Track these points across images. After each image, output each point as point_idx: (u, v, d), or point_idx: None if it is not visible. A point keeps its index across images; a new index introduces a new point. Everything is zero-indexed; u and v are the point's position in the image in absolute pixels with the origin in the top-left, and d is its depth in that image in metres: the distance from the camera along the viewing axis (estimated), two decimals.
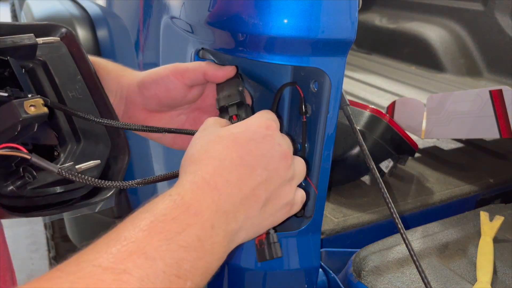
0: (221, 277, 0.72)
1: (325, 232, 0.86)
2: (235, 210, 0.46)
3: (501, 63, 1.89)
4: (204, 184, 0.45)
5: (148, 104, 0.66)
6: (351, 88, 1.80)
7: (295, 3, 0.53)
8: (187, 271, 0.40)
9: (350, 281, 0.72)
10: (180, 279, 0.39)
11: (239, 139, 0.49)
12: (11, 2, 4.14)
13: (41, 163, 0.46)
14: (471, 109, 1.02)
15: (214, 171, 0.46)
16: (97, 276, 0.35)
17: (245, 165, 0.47)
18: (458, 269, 0.74)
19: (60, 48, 0.62)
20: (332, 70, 0.58)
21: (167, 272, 0.38)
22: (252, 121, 0.52)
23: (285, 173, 0.50)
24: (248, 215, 0.47)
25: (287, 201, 0.51)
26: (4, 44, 0.53)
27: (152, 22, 0.94)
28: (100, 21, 1.40)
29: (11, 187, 0.50)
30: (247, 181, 0.47)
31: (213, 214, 0.44)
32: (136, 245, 0.38)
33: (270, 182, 0.49)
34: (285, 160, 0.50)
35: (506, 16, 1.87)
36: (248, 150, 0.48)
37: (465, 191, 1.06)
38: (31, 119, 0.48)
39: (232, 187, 0.46)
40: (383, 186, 0.60)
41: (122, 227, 0.40)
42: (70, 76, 0.61)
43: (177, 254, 0.40)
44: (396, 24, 2.26)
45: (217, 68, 0.63)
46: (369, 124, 0.97)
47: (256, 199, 0.48)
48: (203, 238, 0.42)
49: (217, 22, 0.59)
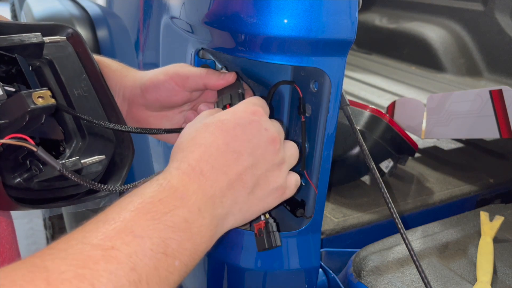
0: (221, 277, 0.72)
1: (325, 232, 0.85)
2: (221, 195, 0.47)
3: (501, 63, 1.89)
4: (190, 170, 0.46)
5: (150, 106, 0.67)
6: (351, 88, 1.80)
7: (295, 3, 0.53)
8: (175, 250, 0.41)
9: (350, 281, 0.72)
10: (168, 257, 0.40)
11: (225, 125, 0.50)
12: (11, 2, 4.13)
13: (46, 157, 0.48)
14: (471, 109, 1.02)
15: (200, 157, 0.47)
16: (86, 253, 0.36)
17: (231, 151, 0.48)
18: (458, 269, 0.74)
19: (66, 48, 0.63)
20: (332, 70, 0.58)
21: (155, 250, 0.39)
22: (239, 107, 0.53)
23: (272, 157, 0.51)
24: (236, 200, 0.48)
25: (277, 186, 0.52)
26: (11, 42, 0.54)
27: (152, 22, 0.94)
28: (100, 21, 1.40)
29: (18, 179, 0.51)
30: (233, 166, 0.48)
31: (199, 198, 0.45)
32: (124, 224, 0.39)
33: (257, 167, 0.49)
34: (272, 144, 0.51)
35: (506, 16, 1.87)
36: (233, 136, 0.49)
37: (465, 191, 1.06)
38: (39, 110, 0.49)
39: (217, 173, 0.47)
40: (383, 186, 0.60)
41: (111, 210, 0.42)
42: (76, 75, 0.62)
43: (164, 234, 0.41)
44: (396, 24, 2.26)
45: (218, 77, 0.64)
46: (369, 124, 0.97)
47: (243, 184, 0.48)
48: (190, 220, 0.43)
49: (217, 22, 0.59)
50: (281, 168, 0.52)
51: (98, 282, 0.34)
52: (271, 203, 0.53)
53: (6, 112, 0.48)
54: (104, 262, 0.36)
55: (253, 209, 0.51)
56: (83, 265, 0.35)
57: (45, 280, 0.33)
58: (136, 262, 0.37)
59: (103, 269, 0.35)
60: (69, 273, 0.34)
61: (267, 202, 0.52)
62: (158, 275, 0.39)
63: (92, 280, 0.34)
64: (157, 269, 0.39)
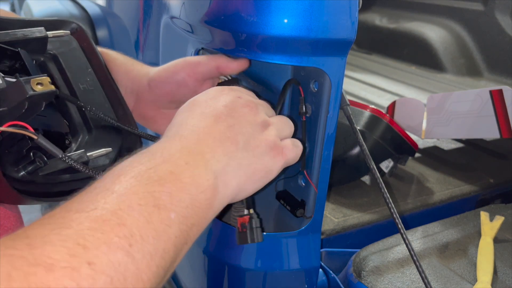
0: (221, 277, 0.72)
1: (325, 232, 0.85)
2: (210, 150, 0.46)
3: (501, 63, 1.89)
4: (170, 137, 0.46)
5: (158, 101, 0.66)
6: (351, 88, 1.80)
7: (296, 3, 0.53)
8: (168, 202, 0.39)
9: (350, 281, 0.72)
10: (161, 210, 0.38)
11: (196, 100, 0.52)
12: (10, 1, 4.13)
13: (46, 145, 0.47)
14: (471, 109, 1.02)
15: (177, 129, 0.48)
16: (69, 217, 0.35)
17: (209, 116, 0.49)
18: (459, 269, 0.74)
19: (70, 43, 0.62)
20: (332, 70, 0.58)
21: (143, 204, 0.37)
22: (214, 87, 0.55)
23: (253, 118, 0.51)
24: (230, 155, 0.47)
25: (269, 144, 0.51)
26: (15, 37, 0.54)
27: (152, 22, 0.94)
28: (100, 21, 1.40)
29: (23, 172, 0.51)
30: (214, 127, 0.48)
31: (184, 154, 0.44)
32: (105, 188, 0.38)
33: (240, 125, 0.49)
34: (248, 107, 0.51)
35: (506, 16, 1.87)
36: (207, 105, 0.50)
37: (465, 191, 1.06)
38: (38, 96, 0.48)
39: (199, 134, 0.47)
40: (383, 186, 0.60)
41: (93, 183, 0.40)
42: (81, 69, 0.62)
43: (150, 187, 0.39)
44: (396, 24, 2.26)
45: (230, 60, 0.63)
46: (369, 124, 0.97)
47: (232, 140, 0.48)
48: (177, 172, 0.41)
49: (217, 22, 0.59)
50: (267, 129, 0.52)
51: (84, 240, 0.33)
52: (272, 163, 0.51)
53: (5, 100, 0.47)
54: (88, 222, 0.34)
55: (254, 167, 0.49)
56: (67, 227, 0.33)
57: (28, 245, 0.31)
58: (123, 217, 0.35)
59: (88, 228, 0.34)
60: (51, 236, 0.32)
61: (266, 161, 0.50)
62: (154, 229, 0.37)
63: (76, 239, 0.32)
64: (151, 223, 0.37)
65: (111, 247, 0.33)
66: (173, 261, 0.39)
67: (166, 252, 0.37)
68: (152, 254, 0.36)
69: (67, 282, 0.30)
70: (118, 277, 0.33)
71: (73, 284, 0.30)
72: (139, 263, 0.35)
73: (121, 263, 0.33)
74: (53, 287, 0.30)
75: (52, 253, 0.31)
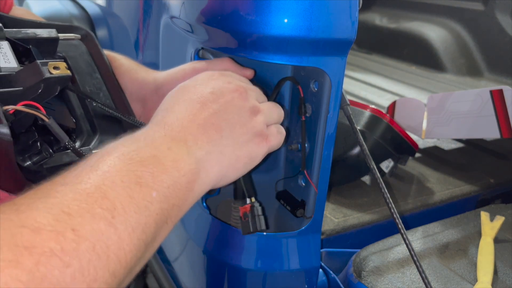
0: (221, 277, 0.72)
1: (325, 232, 0.85)
2: (193, 138, 0.47)
3: (502, 63, 1.89)
4: (154, 125, 0.48)
5: None
6: (351, 88, 1.80)
7: (296, 3, 0.53)
8: (150, 181, 0.40)
9: (350, 282, 0.72)
10: (143, 187, 0.39)
11: (186, 85, 0.53)
12: None
13: (56, 130, 0.48)
14: (471, 109, 1.02)
15: (163, 116, 0.49)
16: (54, 189, 0.36)
17: (194, 102, 0.50)
18: (459, 270, 0.74)
19: (79, 47, 0.64)
20: (332, 69, 0.58)
21: (126, 181, 0.39)
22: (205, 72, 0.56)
23: (241, 103, 0.51)
24: (213, 142, 0.48)
25: (255, 131, 0.52)
26: (26, 35, 0.55)
27: (152, 22, 0.94)
28: (100, 21, 1.39)
29: (29, 161, 0.52)
30: (198, 114, 0.49)
31: (167, 140, 0.45)
32: (89, 166, 0.40)
33: (225, 112, 0.50)
34: (237, 92, 0.52)
35: (507, 16, 1.87)
36: (195, 91, 0.51)
37: (466, 191, 1.05)
38: (55, 79, 0.49)
39: (183, 121, 0.48)
40: (384, 186, 0.60)
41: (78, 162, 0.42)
42: (89, 73, 0.63)
43: (133, 167, 0.40)
44: (396, 24, 2.26)
45: (238, 67, 0.64)
46: (369, 124, 0.97)
47: (215, 127, 0.49)
48: (159, 156, 0.43)
49: (217, 22, 0.59)
50: (256, 115, 0.52)
51: (68, 208, 0.34)
52: (256, 150, 0.52)
53: (21, 80, 0.48)
54: (73, 194, 0.36)
55: (238, 154, 0.50)
56: (53, 197, 0.35)
57: (15, 211, 0.33)
58: (106, 191, 0.37)
59: (72, 199, 0.35)
60: (38, 203, 0.34)
61: (250, 147, 0.51)
62: (136, 204, 0.38)
63: (61, 207, 0.34)
64: (133, 198, 0.38)
65: (94, 216, 0.35)
66: (153, 238, 0.40)
67: (148, 227, 0.39)
68: (133, 227, 0.37)
69: (53, 244, 0.32)
70: (100, 245, 0.34)
71: (58, 247, 0.32)
72: (121, 233, 0.36)
73: (103, 232, 0.35)
74: (39, 247, 0.31)
75: (38, 217, 0.33)
